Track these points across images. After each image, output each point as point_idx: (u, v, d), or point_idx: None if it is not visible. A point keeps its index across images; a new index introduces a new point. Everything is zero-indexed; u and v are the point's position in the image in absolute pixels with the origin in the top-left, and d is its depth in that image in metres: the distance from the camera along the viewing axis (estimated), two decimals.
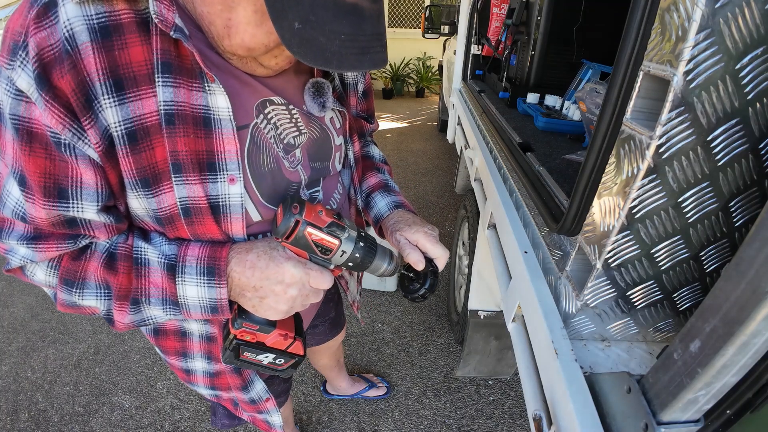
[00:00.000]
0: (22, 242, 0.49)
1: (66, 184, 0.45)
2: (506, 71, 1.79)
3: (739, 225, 0.49)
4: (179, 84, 0.45)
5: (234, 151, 0.49)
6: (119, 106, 0.43)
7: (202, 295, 0.52)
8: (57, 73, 0.40)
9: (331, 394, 1.70)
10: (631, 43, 0.46)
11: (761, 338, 0.33)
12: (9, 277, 2.55)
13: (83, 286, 0.51)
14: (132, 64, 0.43)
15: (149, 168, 0.46)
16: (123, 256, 0.52)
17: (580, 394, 0.52)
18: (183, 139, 0.46)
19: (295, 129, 0.58)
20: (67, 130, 0.42)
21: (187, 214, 0.50)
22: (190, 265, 0.51)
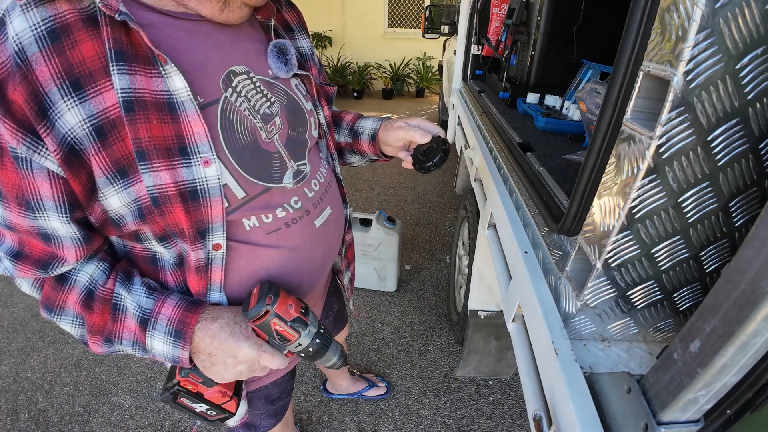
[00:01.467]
0: (7, 256, 0.52)
1: (29, 197, 0.46)
2: (506, 71, 1.79)
3: (739, 225, 0.49)
4: (135, 71, 0.45)
5: (203, 133, 0.49)
6: (81, 105, 0.43)
7: (166, 351, 0.56)
8: (10, 87, 0.41)
9: (332, 393, 1.70)
10: (631, 43, 0.46)
11: (761, 338, 0.33)
12: (9, 277, 2.55)
13: (62, 312, 0.56)
14: (85, 60, 0.43)
15: (123, 159, 0.47)
16: (101, 299, 0.55)
17: (580, 394, 0.52)
18: (144, 125, 0.46)
19: (264, 98, 0.58)
20: (21, 144, 0.42)
21: (155, 204, 0.49)
22: (161, 324, 0.55)
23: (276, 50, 0.60)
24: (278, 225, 0.61)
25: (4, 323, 2.17)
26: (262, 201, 0.58)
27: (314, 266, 0.70)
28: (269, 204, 0.60)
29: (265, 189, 0.58)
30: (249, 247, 0.59)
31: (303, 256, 0.66)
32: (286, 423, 1.23)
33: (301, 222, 0.64)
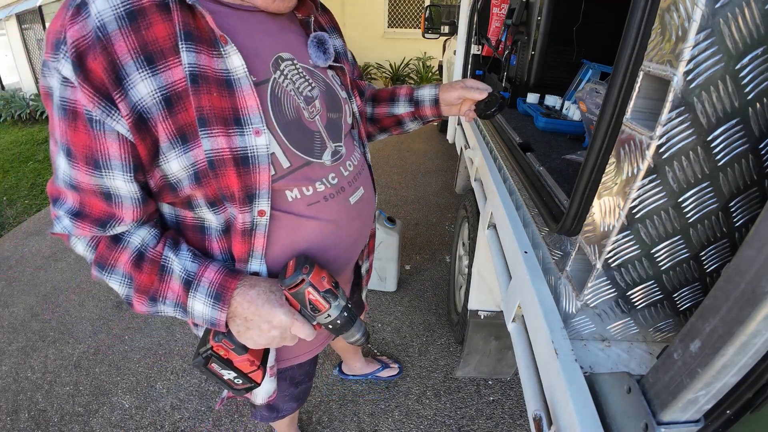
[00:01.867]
0: (68, 215, 0.57)
1: (98, 156, 0.52)
2: (506, 71, 1.79)
3: (739, 225, 0.49)
4: (200, 50, 0.52)
5: (255, 106, 0.55)
6: (153, 77, 0.50)
7: (205, 312, 0.60)
8: (90, 57, 0.47)
9: (347, 374, 1.76)
10: (631, 43, 0.46)
11: (761, 338, 0.33)
12: (9, 277, 2.55)
13: (112, 271, 0.61)
14: (158, 40, 0.50)
15: (186, 126, 0.53)
16: (150, 260, 0.60)
17: (580, 394, 0.52)
18: (206, 96, 0.53)
19: (306, 83, 0.65)
20: (96, 108, 0.49)
21: (212, 167, 0.55)
22: (203, 286, 0.59)
23: (316, 41, 0.67)
24: (317, 198, 0.66)
25: (4, 323, 2.17)
26: (303, 173, 0.64)
27: (349, 242, 0.75)
28: (310, 177, 0.65)
29: (306, 162, 0.64)
30: (291, 217, 0.64)
31: (339, 231, 0.71)
32: (291, 422, 1.25)
33: (338, 197, 0.69)
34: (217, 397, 1.70)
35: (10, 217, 3.43)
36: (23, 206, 3.62)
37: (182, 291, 0.60)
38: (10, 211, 3.55)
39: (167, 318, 2.14)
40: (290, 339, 0.63)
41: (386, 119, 0.93)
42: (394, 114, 0.92)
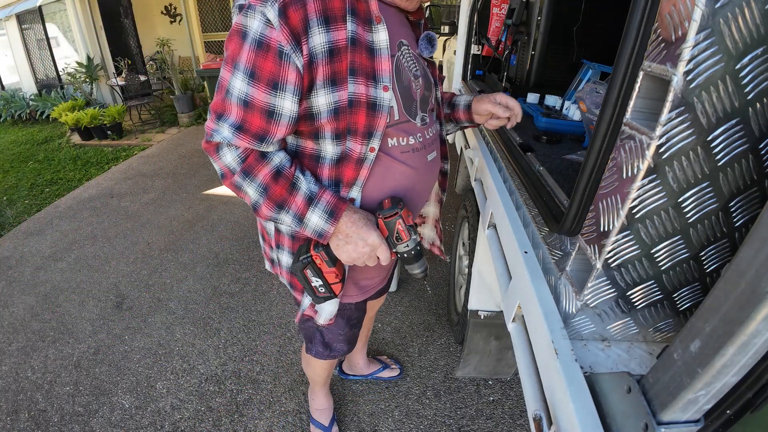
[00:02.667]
0: (230, 127, 0.71)
1: (278, 81, 0.69)
2: (506, 71, 1.79)
3: (739, 225, 0.49)
4: (359, 24, 0.71)
5: (387, 70, 0.75)
6: (326, 33, 0.68)
7: (319, 224, 0.77)
8: (292, 9, 0.65)
9: (347, 374, 1.76)
10: (631, 43, 0.46)
11: (761, 338, 0.33)
12: (9, 277, 2.55)
13: (253, 179, 0.76)
14: (335, 9, 0.69)
15: (338, 73, 0.71)
16: (285, 177, 0.77)
17: (580, 394, 0.52)
18: (358, 55, 0.71)
19: (415, 64, 0.84)
20: (288, 45, 0.66)
21: (350, 105, 0.73)
22: (322, 203, 0.77)
23: (427, 38, 0.87)
24: (408, 148, 0.85)
25: (4, 323, 2.17)
26: (404, 127, 0.82)
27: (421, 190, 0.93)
28: (407, 131, 0.83)
29: (407, 119, 0.82)
30: (388, 159, 0.83)
31: (417, 178, 0.89)
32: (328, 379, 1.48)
33: (421, 152, 0.87)
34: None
35: (10, 217, 3.43)
36: (23, 206, 3.62)
37: (304, 205, 0.76)
38: (10, 211, 3.55)
39: (167, 318, 2.14)
40: (373, 259, 0.80)
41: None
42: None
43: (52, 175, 4.32)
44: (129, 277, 2.50)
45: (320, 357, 1.17)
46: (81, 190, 3.93)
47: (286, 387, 1.73)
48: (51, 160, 4.83)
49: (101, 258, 2.71)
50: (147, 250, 2.78)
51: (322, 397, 1.54)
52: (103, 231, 3.06)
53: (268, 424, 1.58)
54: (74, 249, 2.84)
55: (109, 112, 5.48)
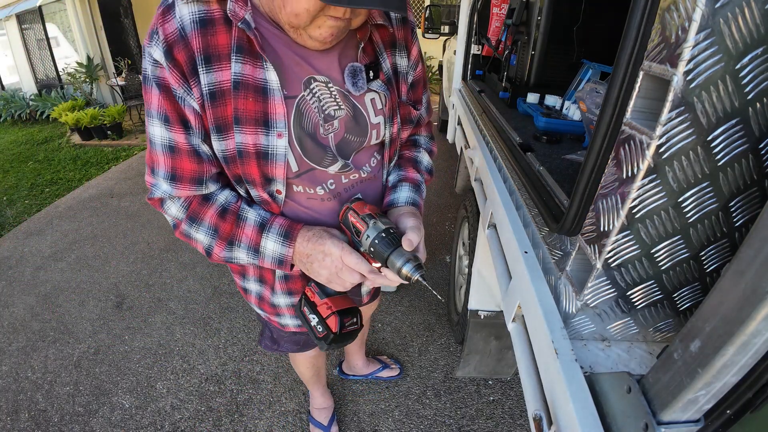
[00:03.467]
0: (166, 180, 0.69)
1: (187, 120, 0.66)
2: (506, 71, 1.78)
3: (739, 225, 0.49)
4: (246, 62, 0.63)
5: (282, 114, 0.66)
6: (207, 74, 0.63)
7: (276, 249, 0.74)
8: (176, 50, 0.61)
9: (347, 374, 1.76)
10: (631, 43, 0.46)
11: (761, 338, 0.33)
12: (9, 277, 2.55)
13: (200, 223, 0.73)
14: (218, 46, 0.62)
15: (222, 119, 0.66)
16: (232, 212, 0.74)
17: (580, 394, 0.52)
18: (243, 100, 0.64)
19: (334, 103, 0.72)
20: (180, 88, 0.63)
21: (240, 156, 0.69)
22: (275, 227, 0.74)
23: (350, 72, 0.73)
24: (315, 197, 0.79)
25: (4, 323, 2.17)
26: (308, 176, 0.75)
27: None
28: (313, 180, 0.76)
29: (311, 168, 0.74)
30: (293, 203, 0.79)
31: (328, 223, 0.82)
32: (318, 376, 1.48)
33: (332, 201, 0.80)
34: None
35: (10, 217, 3.43)
36: (23, 206, 3.62)
37: (256, 234, 0.73)
38: (10, 211, 3.55)
39: (167, 318, 2.14)
40: (346, 271, 0.71)
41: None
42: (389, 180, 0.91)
43: (52, 175, 4.32)
44: (129, 277, 2.50)
45: (268, 349, 1.16)
46: (81, 190, 3.93)
47: (286, 387, 1.73)
48: (51, 160, 4.83)
49: (101, 258, 2.71)
50: (147, 250, 2.78)
51: (319, 396, 1.55)
52: (103, 231, 3.07)
53: (268, 424, 1.58)
54: (74, 249, 2.84)
55: (109, 112, 5.49)
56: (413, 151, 0.94)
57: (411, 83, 0.84)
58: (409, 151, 0.93)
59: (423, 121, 0.95)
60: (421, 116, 0.92)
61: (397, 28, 0.77)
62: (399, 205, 0.83)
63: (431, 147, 0.98)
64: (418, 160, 0.93)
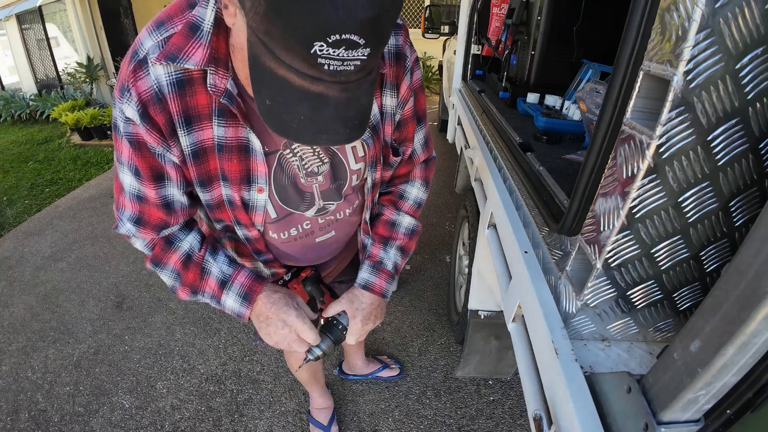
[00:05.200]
0: (130, 221, 0.70)
1: (162, 172, 0.65)
2: (506, 71, 1.79)
3: (739, 225, 0.49)
4: (229, 125, 0.63)
5: (263, 172, 0.68)
6: (188, 135, 0.62)
7: (234, 307, 0.75)
8: (153, 110, 0.59)
9: (347, 374, 1.76)
10: (631, 43, 0.46)
11: (761, 338, 0.33)
12: (9, 277, 2.55)
13: (164, 267, 0.75)
14: (198, 107, 0.61)
15: (206, 174, 0.67)
16: (195, 263, 0.75)
17: (580, 393, 0.52)
18: (227, 162, 0.65)
19: (317, 159, 0.73)
20: (159, 146, 0.62)
21: (229, 204, 0.71)
22: (235, 287, 0.75)
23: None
24: (290, 239, 0.83)
25: (4, 323, 2.17)
26: (285, 221, 0.79)
27: (310, 258, 0.92)
28: (289, 224, 0.80)
29: (289, 213, 0.77)
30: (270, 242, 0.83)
31: (302, 255, 0.89)
32: (315, 378, 1.48)
33: (306, 239, 0.84)
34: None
35: (10, 217, 3.43)
36: (23, 206, 3.62)
37: (218, 288, 0.75)
38: (10, 211, 3.55)
39: (167, 318, 2.14)
40: (297, 344, 0.74)
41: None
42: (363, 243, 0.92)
43: (52, 175, 4.32)
44: (129, 277, 2.50)
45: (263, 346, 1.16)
46: (81, 190, 3.93)
47: (286, 387, 1.73)
48: (51, 160, 4.83)
49: (101, 258, 2.71)
50: None
51: (318, 397, 1.55)
52: (103, 231, 3.06)
53: (269, 424, 1.58)
54: (74, 249, 2.84)
55: (109, 112, 5.48)
56: (393, 212, 0.88)
57: (398, 123, 0.79)
58: (389, 210, 0.88)
59: (417, 159, 0.87)
60: (415, 153, 0.86)
61: (390, 64, 0.71)
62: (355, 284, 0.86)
63: (422, 199, 0.91)
64: (396, 224, 0.89)
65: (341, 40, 0.42)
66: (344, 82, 0.47)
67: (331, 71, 0.44)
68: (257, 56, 0.47)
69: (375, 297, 0.84)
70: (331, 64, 0.44)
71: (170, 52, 0.56)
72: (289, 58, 0.44)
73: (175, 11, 0.57)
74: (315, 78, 0.45)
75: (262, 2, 0.42)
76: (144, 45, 0.57)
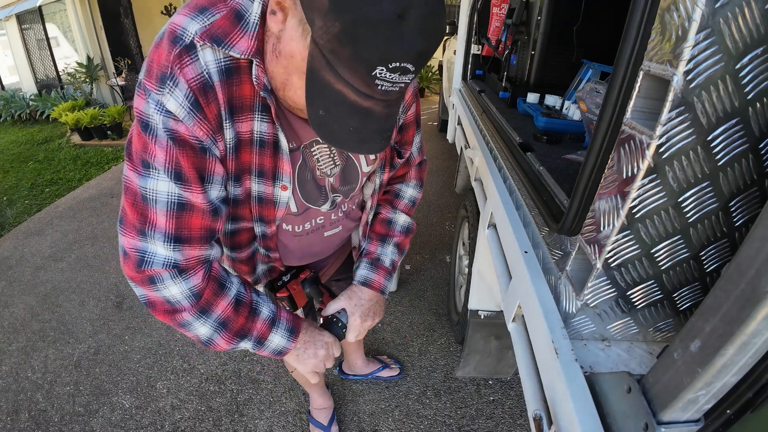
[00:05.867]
0: (168, 243, 0.59)
1: (204, 173, 0.60)
2: (506, 71, 1.79)
3: (739, 225, 0.49)
4: (269, 121, 0.63)
5: (288, 171, 0.68)
6: (231, 127, 0.60)
7: (280, 343, 0.75)
8: (203, 99, 0.55)
9: (347, 374, 1.76)
10: (631, 43, 0.46)
11: (761, 338, 0.33)
12: (9, 277, 2.55)
13: (209, 316, 0.67)
14: (243, 97, 0.59)
15: (239, 168, 0.65)
16: (245, 305, 0.71)
17: (580, 393, 0.52)
18: (266, 158, 0.66)
19: (331, 162, 0.76)
20: (209, 140, 0.58)
21: (258, 200, 0.71)
22: (283, 323, 0.76)
23: None
24: (303, 232, 0.84)
25: (4, 323, 2.17)
26: (303, 215, 0.80)
27: (314, 253, 0.94)
28: (306, 218, 0.81)
29: (307, 208, 0.79)
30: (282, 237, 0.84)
31: (308, 249, 0.91)
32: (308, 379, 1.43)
33: (316, 233, 0.86)
34: (217, 396, 1.70)
35: (10, 217, 3.43)
36: (23, 206, 3.62)
37: (266, 328, 0.73)
38: (10, 211, 3.55)
39: None
40: (329, 359, 0.80)
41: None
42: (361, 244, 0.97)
43: (52, 175, 4.32)
44: None
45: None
46: (81, 190, 3.93)
47: (286, 387, 1.73)
48: (51, 160, 4.83)
49: (101, 258, 2.71)
50: None
51: (318, 396, 1.55)
52: (103, 231, 3.06)
53: (269, 424, 1.58)
54: (74, 249, 2.84)
55: (109, 112, 5.49)
56: (389, 210, 0.92)
57: (401, 126, 0.83)
58: (386, 209, 0.93)
59: (413, 161, 0.92)
60: (412, 156, 0.91)
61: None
62: (352, 281, 0.90)
63: (416, 197, 0.96)
64: (393, 222, 0.92)
65: (399, 67, 0.47)
66: (388, 100, 0.52)
67: (382, 91, 0.49)
68: (317, 69, 0.49)
69: (374, 293, 0.88)
70: (384, 86, 0.49)
71: (215, 34, 0.53)
72: (349, 76, 0.48)
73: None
74: (368, 95, 0.50)
75: (336, 24, 0.44)
76: (188, 29, 0.52)
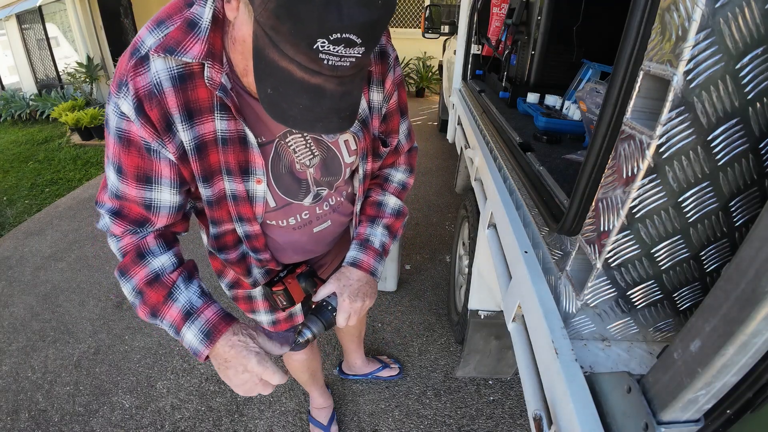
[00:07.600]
0: (108, 214, 0.69)
1: (151, 175, 0.65)
2: (506, 71, 1.79)
3: (739, 225, 0.49)
4: (229, 118, 0.64)
5: (261, 164, 0.70)
6: (190, 129, 0.63)
7: (193, 342, 0.69)
8: (148, 106, 0.59)
9: (347, 373, 1.76)
10: (631, 43, 0.46)
11: (761, 338, 0.33)
12: (9, 277, 2.55)
13: (128, 280, 0.70)
14: (199, 100, 0.62)
15: (208, 169, 0.68)
16: (162, 284, 0.70)
17: (580, 393, 0.52)
18: (231, 154, 0.67)
19: (309, 152, 0.75)
20: (154, 141, 0.62)
21: (232, 199, 0.73)
22: (199, 321, 0.69)
23: None
24: (288, 228, 0.84)
25: (4, 323, 2.17)
26: (283, 210, 0.80)
27: (306, 250, 0.94)
28: (288, 213, 0.81)
29: (288, 203, 0.79)
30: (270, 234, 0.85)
31: (300, 246, 0.91)
32: (314, 378, 1.48)
33: (304, 228, 0.86)
34: (217, 396, 1.70)
35: (10, 217, 3.43)
36: (23, 206, 3.62)
37: (180, 318, 0.69)
38: (10, 211, 3.55)
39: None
40: (262, 387, 0.70)
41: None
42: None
43: (52, 175, 4.32)
44: None
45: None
46: (81, 190, 3.93)
47: (286, 386, 1.73)
48: (51, 160, 4.83)
49: (101, 258, 2.71)
50: None
51: (317, 396, 1.55)
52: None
53: (268, 424, 1.58)
54: (74, 249, 2.84)
55: None
56: (379, 193, 0.91)
57: (384, 116, 0.82)
58: (375, 192, 0.91)
59: (402, 149, 0.92)
60: (400, 144, 0.91)
61: (375, 62, 0.75)
62: (343, 263, 0.86)
63: (406, 181, 0.94)
64: (382, 204, 0.91)
65: (341, 38, 0.46)
66: (340, 77, 0.51)
67: (329, 66, 0.49)
68: (262, 48, 0.50)
69: (363, 274, 0.84)
70: (330, 60, 0.48)
71: (168, 45, 0.57)
72: (292, 52, 0.48)
73: (174, 10, 0.59)
74: (315, 71, 0.49)
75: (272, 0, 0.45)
76: (145, 42, 0.58)
